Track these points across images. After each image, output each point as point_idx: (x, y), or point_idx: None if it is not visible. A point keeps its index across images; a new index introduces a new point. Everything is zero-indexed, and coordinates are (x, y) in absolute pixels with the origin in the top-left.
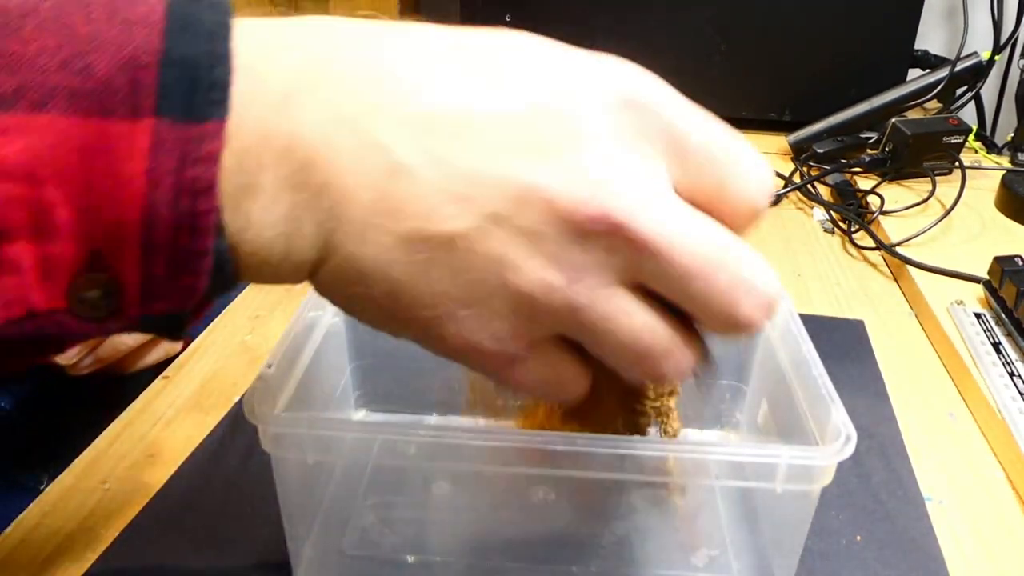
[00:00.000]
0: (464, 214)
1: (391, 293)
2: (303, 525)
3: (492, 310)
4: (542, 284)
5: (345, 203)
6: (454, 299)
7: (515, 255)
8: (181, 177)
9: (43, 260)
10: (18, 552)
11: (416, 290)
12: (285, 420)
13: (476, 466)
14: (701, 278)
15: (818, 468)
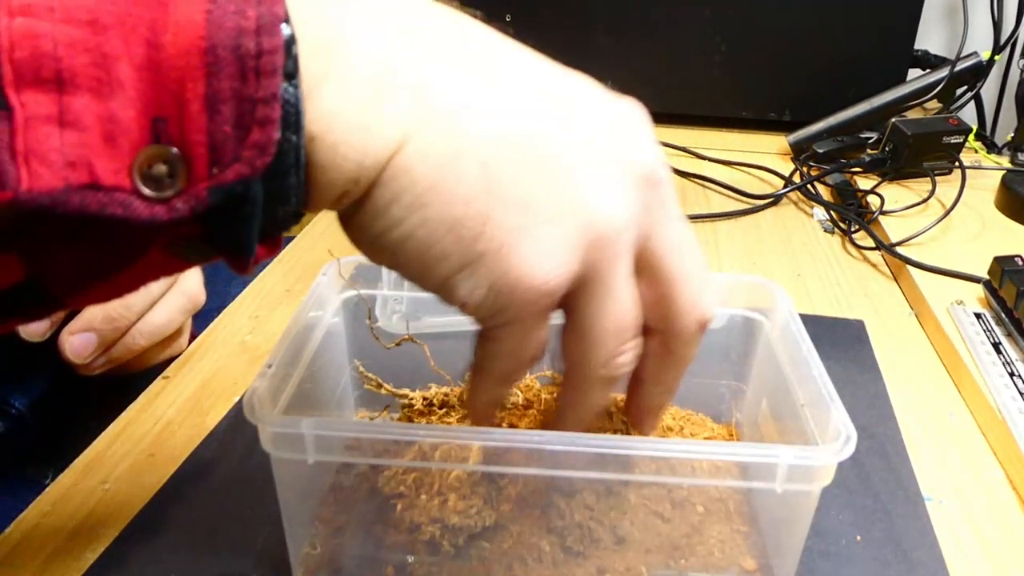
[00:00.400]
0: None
1: (487, 178)
2: (303, 525)
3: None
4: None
5: (448, 81)
6: (543, 208)
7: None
8: (242, 18)
9: (107, 120)
10: (18, 551)
11: (513, 185)
12: (285, 420)
13: (474, 466)
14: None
15: (818, 468)
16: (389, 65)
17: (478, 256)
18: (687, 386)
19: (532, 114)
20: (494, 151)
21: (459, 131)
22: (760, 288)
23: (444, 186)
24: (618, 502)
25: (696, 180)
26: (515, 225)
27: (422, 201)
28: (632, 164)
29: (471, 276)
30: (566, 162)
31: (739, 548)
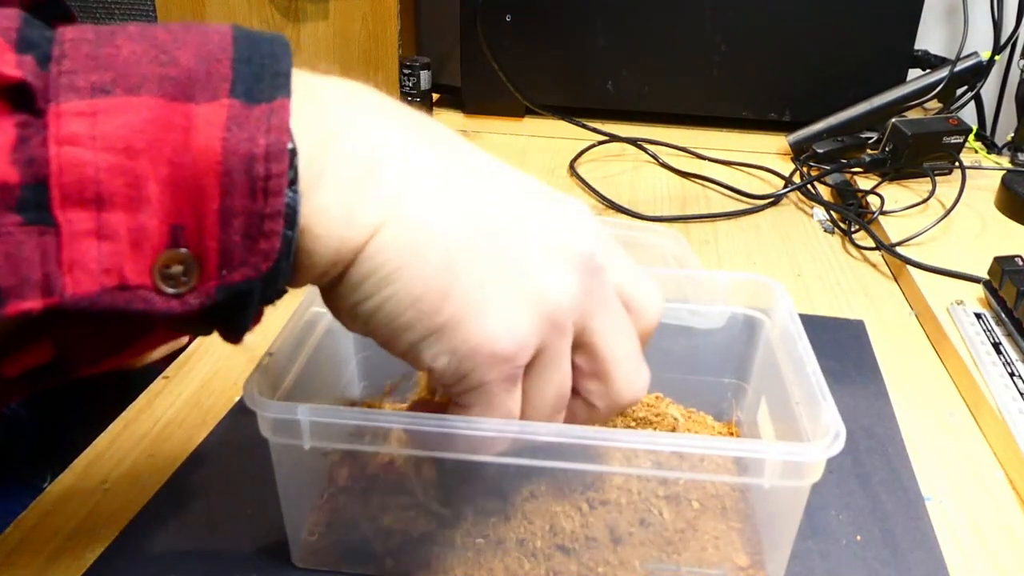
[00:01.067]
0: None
1: (447, 261)
2: (301, 513)
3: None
4: (560, 299)
5: (416, 174)
6: (500, 286)
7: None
8: (253, 145)
9: (136, 230)
10: (18, 552)
11: (473, 264)
12: (282, 407)
13: (466, 456)
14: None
15: (807, 464)
16: (373, 158)
17: (439, 327)
18: (689, 384)
19: (490, 209)
20: (456, 239)
21: (426, 222)
22: (761, 287)
23: (410, 267)
24: (611, 496)
25: (696, 180)
26: (473, 300)
27: (390, 279)
28: (575, 254)
29: (435, 343)
30: (519, 250)
31: (733, 544)
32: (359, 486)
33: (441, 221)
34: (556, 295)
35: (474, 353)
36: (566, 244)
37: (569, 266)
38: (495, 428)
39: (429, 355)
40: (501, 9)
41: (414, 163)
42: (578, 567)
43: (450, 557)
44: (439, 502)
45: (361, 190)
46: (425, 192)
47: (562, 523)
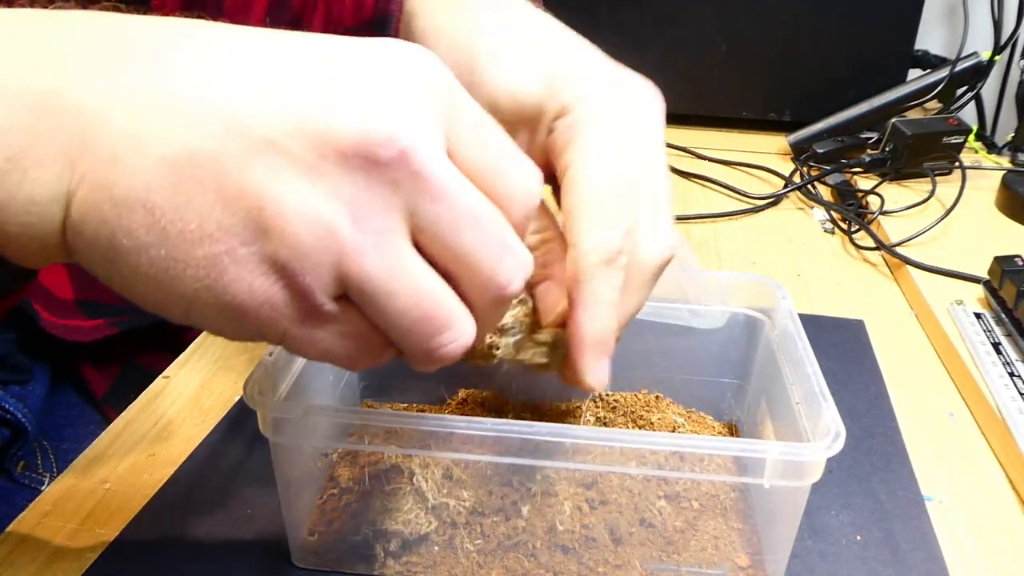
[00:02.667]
0: (232, 135)
1: (155, 226)
2: (301, 512)
3: (271, 248)
4: (321, 220)
5: (96, 125)
6: (230, 232)
7: (292, 184)
8: None
9: None
10: (18, 552)
11: (184, 219)
12: (283, 406)
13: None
14: (472, 229)
15: (807, 464)
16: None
17: (189, 299)
18: (689, 384)
19: (194, 124)
20: (155, 190)
21: (112, 183)
22: (762, 287)
23: (118, 242)
24: (611, 496)
25: (696, 180)
26: (204, 260)
27: (108, 258)
28: (334, 145)
29: (201, 314)
30: (239, 170)
31: (733, 544)
32: (359, 486)
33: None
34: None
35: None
36: (325, 132)
37: (336, 167)
38: (495, 428)
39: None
40: None
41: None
42: (578, 567)
43: (450, 557)
44: (439, 502)
45: (23, 163)
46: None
47: (562, 523)
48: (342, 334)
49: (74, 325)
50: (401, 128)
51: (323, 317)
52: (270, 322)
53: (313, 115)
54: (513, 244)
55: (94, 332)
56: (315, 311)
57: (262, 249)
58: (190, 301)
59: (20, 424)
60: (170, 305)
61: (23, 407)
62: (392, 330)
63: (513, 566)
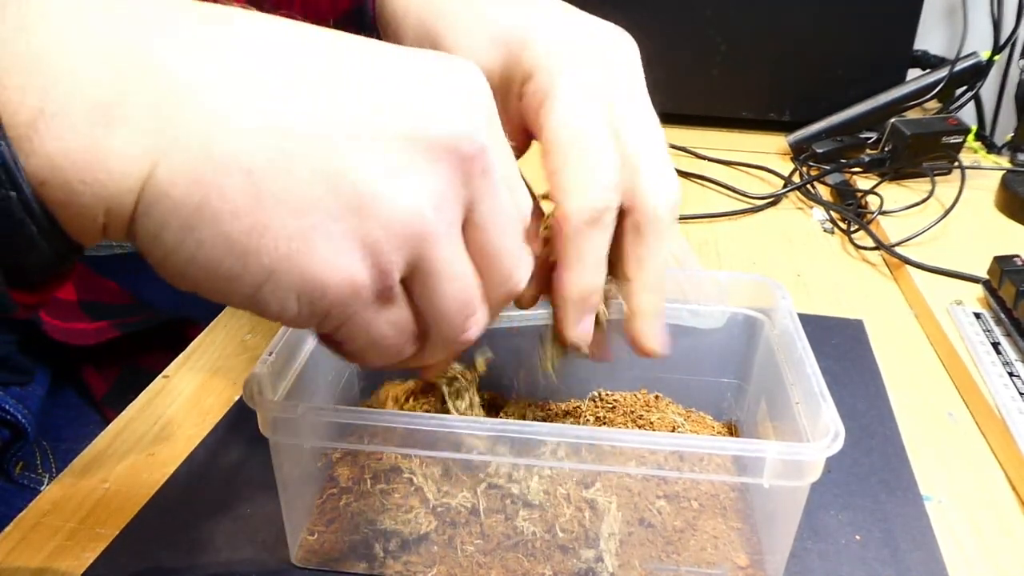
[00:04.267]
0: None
1: (252, 190)
2: (301, 511)
3: (364, 227)
4: (413, 204)
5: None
6: (325, 207)
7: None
8: None
9: None
10: (18, 552)
11: (284, 188)
12: (283, 406)
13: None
14: (511, 230)
15: (806, 463)
16: (116, 83)
17: (269, 271)
18: (689, 384)
19: (298, 101)
20: (257, 155)
21: (212, 143)
22: (761, 287)
23: (208, 205)
24: (611, 496)
25: (696, 180)
26: (296, 230)
27: (190, 224)
28: (426, 140)
29: (273, 291)
30: (341, 152)
31: (733, 544)
32: (359, 486)
33: (235, 134)
34: (402, 208)
35: (323, 292)
36: (413, 127)
37: (419, 159)
38: (495, 428)
39: (274, 304)
40: None
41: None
42: (578, 567)
43: (450, 557)
44: (439, 502)
45: (106, 121)
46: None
47: (562, 523)
48: (393, 322)
49: (77, 329)
50: (479, 129)
51: (390, 300)
52: (344, 301)
53: (409, 111)
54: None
55: (97, 335)
56: (386, 293)
57: (354, 227)
58: (269, 274)
59: (20, 425)
60: (243, 279)
61: (23, 408)
62: (436, 313)
63: (513, 566)
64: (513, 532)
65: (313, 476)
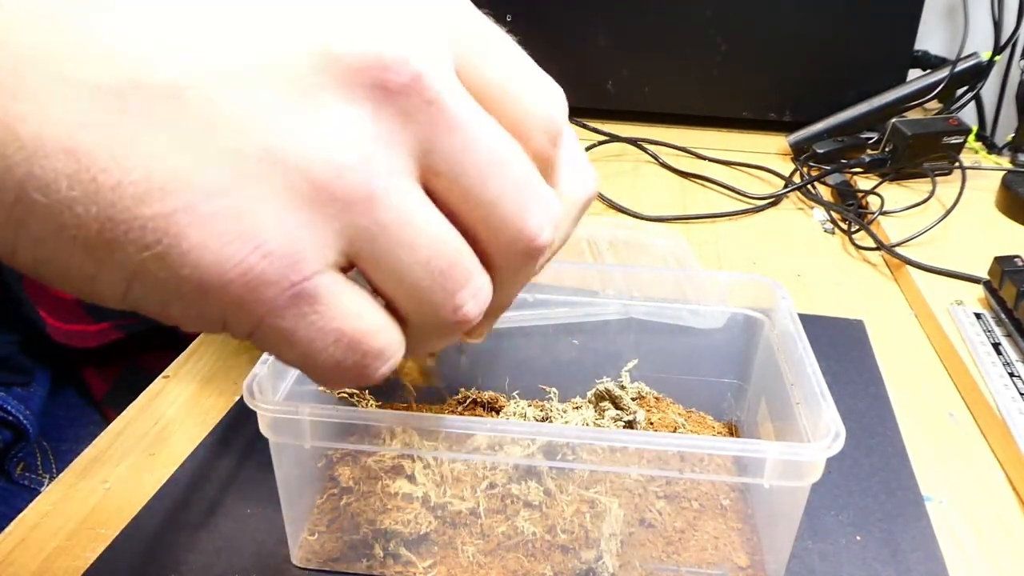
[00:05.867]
0: (201, 52)
1: (82, 175)
2: (301, 512)
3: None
4: (323, 161)
5: None
6: (191, 182)
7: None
8: None
9: None
10: (18, 552)
11: (124, 168)
12: (283, 406)
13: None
14: (497, 170)
15: (806, 464)
16: None
17: (129, 271)
18: (689, 384)
19: (130, 40)
20: (78, 126)
21: (10, 117)
22: (761, 287)
23: (28, 194)
24: (611, 496)
25: (696, 180)
26: (151, 217)
27: (16, 218)
28: (338, 65)
29: (146, 294)
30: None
31: (733, 544)
32: (359, 486)
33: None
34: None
35: (207, 291)
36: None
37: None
38: (495, 428)
39: (155, 309)
40: (501, 9)
41: None
42: (578, 567)
43: (450, 557)
44: (439, 502)
45: None
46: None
47: (562, 523)
48: (330, 327)
49: (80, 330)
50: (412, 49)
51: (313, 297)
52: (242, 305)
53: (307, 33)
54: (539, 186)
55: (100, 337)
56: (305, 287)
57: (239, 201)
58: (132, 275)
59: (21, 426)
60: (103, 281)
61: (24, 409)
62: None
63: (513, 566)
64: (513, 532)
65: (313, 476)
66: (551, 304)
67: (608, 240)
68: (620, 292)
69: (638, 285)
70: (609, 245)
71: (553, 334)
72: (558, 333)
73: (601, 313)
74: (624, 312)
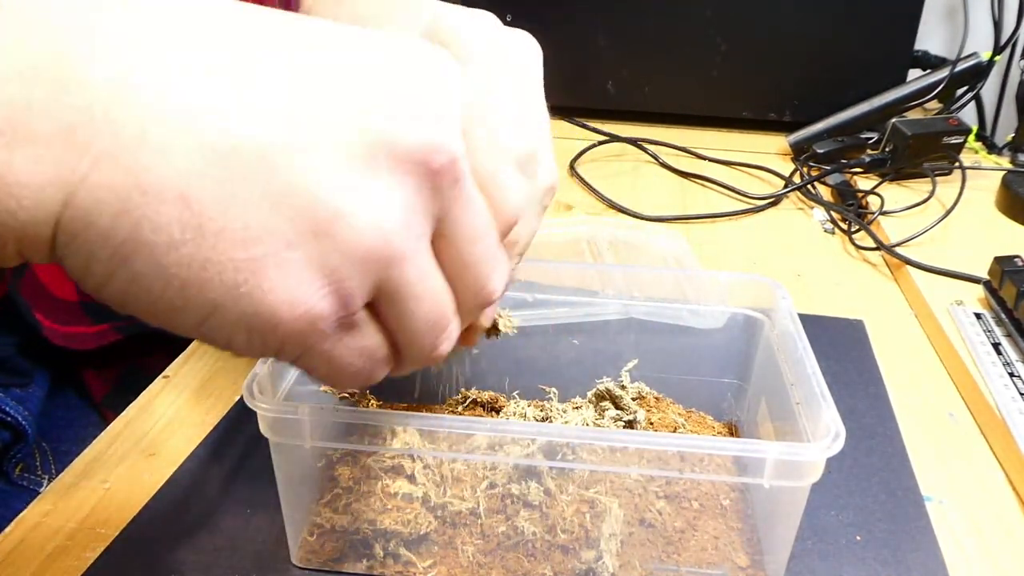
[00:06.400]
0: (289, 127)
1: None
2: (301, 512)
3: (321, 252)
4: (377, 223)
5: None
6: (276, 233)
7: (346, 184)
8: None
9: None
10: (18, 552)
11: (227, 216)
12: (283, 406)
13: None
14: (483, 239)
15: (806, 464)
16: (13, 102)
17: (213, 304)
18: (689, 384)
19: (238, 108)
20: (192, 178)
21: (138, 166)
22: (761, 287)
23: (139, 236)
24: (611, 496)
25: (696, 180)
26: (243, 261)
27: (121, 255)
28: (392, 150)
29: (220, 325)
30: (292, 169)
31: (733, 544)
32: (359, 486)
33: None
34: (364, 230)
35: (275, 326)
36: (377, 134)
37: (390, 172)
38: (495, 428)
39: (222, 337)
40: (501, 9)
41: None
42: (578, 567)
43: (450, 557)
44: (439, 502)
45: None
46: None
47: (562, 523)
48: (358, 349)
49: (78, 332)
50: (452, 136)
51: (353, 328)
52: (300, 336)
53: (372, 115)
54: (501, 252)
55: (98, 339)
56: (348, 321)
57: (310, 254)
58: (214, 308)
59: (20, 427)
60: (186, 313)
61: (23, 410)
62: (406, 334)
63: (513, 566)
64: (513, 532)
65: (313, 476)
66: (551, 304)
67: (608, 240)
68: (620, 292)
69: (638, 285)
70: (609, 245)
71: (553, 334)
72: (558, 333)
73: (601, 313)
74: (624, 312)
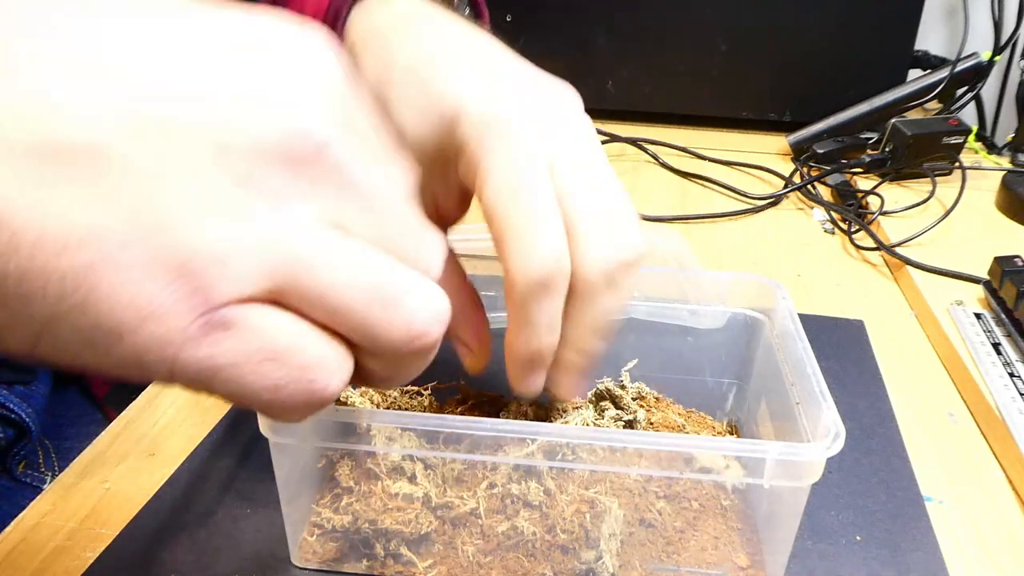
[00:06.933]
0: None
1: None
2: (301, 512)
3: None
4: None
5: None
6: (107, 235)
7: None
8: None
9: None
10: (18, 551)
11: (45, 223)
12: None
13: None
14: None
15: (806, 464)
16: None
17: (41, 321)
18: (689, 384)
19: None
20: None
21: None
22: (762, 287)
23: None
24: (611, 496)
25: (696, 180)
26: (77, 266)
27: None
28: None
29: (55, 342)
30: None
31: (733, 544)
32: (359, 486)
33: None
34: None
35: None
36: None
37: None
38: (495, 428)
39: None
40: (501, 9)
41: None
42: (578, 567)
43: (450, 557)
44: (439, 502)
45: None
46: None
47: (562, 523)
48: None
49: None
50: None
51: (226, 323)
52: (158, 344)
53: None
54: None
55: None
56: (215, 316)
57: (151, 251)
58: (44, 326)
59: (24, 424)
60: (15, 334)
61: (27, 407)
62: (345, 313)
63: (513, 566)
64: (513, 532)
65: (313, 476)
66: None
67: None
68: None
69: (638, 285)
70: None
71: None
72: None
73: None
74: (624, 312)
